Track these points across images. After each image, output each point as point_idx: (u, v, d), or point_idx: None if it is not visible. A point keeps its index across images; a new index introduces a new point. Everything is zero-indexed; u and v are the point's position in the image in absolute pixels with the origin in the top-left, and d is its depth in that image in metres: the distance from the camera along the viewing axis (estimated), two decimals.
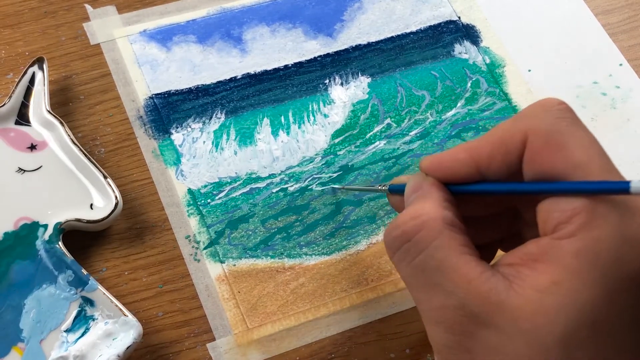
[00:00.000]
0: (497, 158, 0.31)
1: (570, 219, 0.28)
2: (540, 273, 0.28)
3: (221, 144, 0.46)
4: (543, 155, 0.29)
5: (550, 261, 0.28)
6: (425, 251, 0.30)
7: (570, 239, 0.28)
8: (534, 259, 0.28)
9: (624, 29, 0.52)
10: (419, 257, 0.30)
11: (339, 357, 0.41)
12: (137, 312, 0.41)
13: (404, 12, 0.52)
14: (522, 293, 0.28)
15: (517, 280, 0.28)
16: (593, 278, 0.27)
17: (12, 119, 0.44)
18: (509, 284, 0.28)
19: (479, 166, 0.31)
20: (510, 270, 0.29)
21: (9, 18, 0.49)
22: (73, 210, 0.42)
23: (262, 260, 0.43)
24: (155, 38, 0.49)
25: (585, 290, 0.27)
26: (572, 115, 0.30)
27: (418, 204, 0.31)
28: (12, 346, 0.39)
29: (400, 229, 0.31)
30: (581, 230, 0.28)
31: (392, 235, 0.31)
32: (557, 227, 0.28)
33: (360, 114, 0.48)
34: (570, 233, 0.28)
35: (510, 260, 0.29)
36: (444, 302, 0.29)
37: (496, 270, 0.29)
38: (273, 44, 0.50)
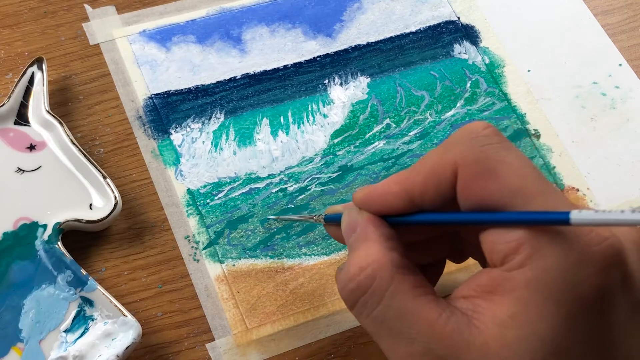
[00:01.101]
0: (430, 189, 0.30)
1: (517, 249, 0.28)
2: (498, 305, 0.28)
3: (220, 144, 0.46)
4: (475, 186, 0.29)
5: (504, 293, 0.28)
6: (382, 302, 0.30)
7: (520, 269, 0.28)
8: (488, 291, 0.29)
9: (624, 29, 0.52)
10: (377, 309, 0.30)
11: (339, 357, 0.41)
12: (136, 312, 0.41)
13: (404, 12, 0.52)
14: (484, 329, 0.28)
15: (477, 315, 0.28)
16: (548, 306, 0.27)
17: (11, 119, 0.44)
18: (469, 320, 0.28)
19: (413, 198, 0.31)
20: (467, 305, 0.29)
21: (9, 18, 0.49)
22: (72, 211, 0.42)
23: (262, 261, 0.43)
24: (155, 38, 0.49)
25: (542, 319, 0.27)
26: (499, 139, 0.30)
27: (362, 251, 0.31)
28: (12, 346, 0.39)
29: (354, 282, 0.30)
30: (529, 260, 0.28)
31: (347, 290, 0.31)
32: (506, 259, 0.28)
33: (359, 114, 0.48)
34: (518, 264, 0.28)
35: (465, 292, 0.29)
36: (409, 349, 0.29)
37: (454, 307, 0.29)
38: (272, 44, 0.50)
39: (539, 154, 0.47)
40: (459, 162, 0.30)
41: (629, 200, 0.46)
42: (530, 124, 0.48)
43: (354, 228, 0.32)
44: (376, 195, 0.32)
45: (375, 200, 0.32)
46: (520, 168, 0.29)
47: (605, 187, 0.46)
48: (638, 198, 0.46)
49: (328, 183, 0.45)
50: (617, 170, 0.47)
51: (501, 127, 0.48)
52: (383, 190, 0.32)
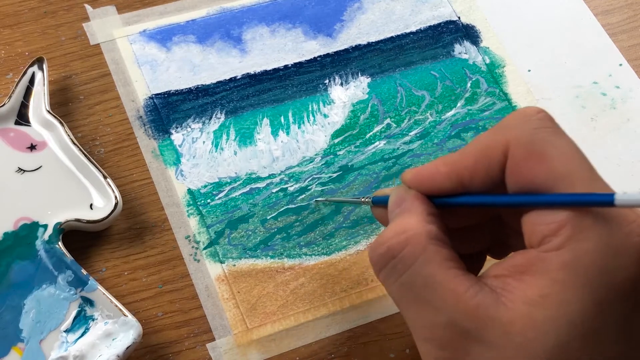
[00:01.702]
0: (480, 170, 0.30)
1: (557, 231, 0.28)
2: (529, 285, 0.28)
3: (221, 144, 0.46)
4: (525, 167, 0.29)
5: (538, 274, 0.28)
6: (412, 268, 0.30)
7: (558, 251, 0.28)
8: (521, 271, 0.28)
9: (624, 29, 0.52)
10: (405, 274, 0.30)
11: (339, 357, 0.41)
12: (136, 312, 0.41)
13: (404, 12, 0.52)
14: (512, 307, 0.28)
15: (506, 293, 0.28)
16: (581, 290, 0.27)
17: (11, 119, 0.44)
18: (497, 297, 0.28)
19: (462, 179, 0.31)
20: (497, 283, 0.29)
21: (9, 18, 0.49)
22: (73, 211, 0.42)
23: (262, 261, 0.43)
24: (155, 38, 0.49)
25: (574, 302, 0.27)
26: (552, 124, 0.30)
27: (402, 219, 0.31)
28: (12, 346, 0.39)
29: (385, 245, 0.30)
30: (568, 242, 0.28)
31: (377, 252, 0.31)
32: (544, 240, 0.28)
33: (360, 114, 0.48)
34: (557, 246, 0.28)
35: (497, 272, 0.29)
36: (433, 319, 0.29)
37: (483, 284, 0.29)
38: (273, 44, 0.50)
39: None
40: (511, 143, 0.30)
41: None
42: None
43: (400, 204, 0.32)
44: (425, 175, 0.32)
45: (424, 179, 0.32)
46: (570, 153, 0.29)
47: None
48: None
49: (328, 183, 0.45)
50: (617, 170, 0.47)
51: None
52: (432, 171, 0.32)
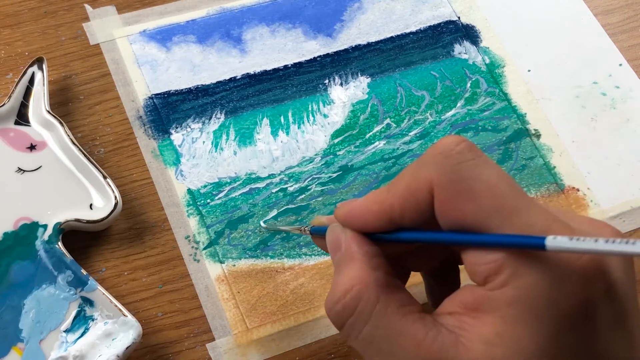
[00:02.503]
0: (409, 209, 0.30)
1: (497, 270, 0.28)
2: (483, 324, 0.28)
3: (221, 144, 0.46)
4: (452, 206, 0.29)
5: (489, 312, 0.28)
6: (369, 323, 0.30)
7: (502, 289, 0.28)
8: (473, 309, 0.29)
9: (624, 29, 0.52)
10: (364, 330, 0.30)
11: (339, 357, 0.41)
12: (136, 312, 0.41)
13: (404, 12, 0.52)
14: (470, 347, 0.28)
15: (463, 332, 0.28)
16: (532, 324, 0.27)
17: (11, 119, 0.44)
18: (456, 338, 0.28)
19: (392, 217, 0.31)
20: (453, 322, 0.29)
21: (9, 18, 0.49)
22: (72, 211, 0.42)
23: (262, 261, 0.43)
24: (155, 38, 0.49)
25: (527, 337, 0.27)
26: (472, 155, 0.29)
27: (347, 272, 0.31)
28: (12, 346, 0.39)
29: (339, 304, 0.30)
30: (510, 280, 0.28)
31: (334, 312, 0.31)
32: (487, 279, 0.28)
33: (359, 114, 0.48)
34: (500, 284, 0.28)
35: (450, 309, 0.29)
36: None
37: (441, 325, 0.29)
38: (273, 44, 0.50)
39: (539, 154, 0.47)
40: (434, 183, 0.29)
41: (629, 200, 0.46)
42: (531, 124, 0.48)
43: (339, 246, 0.32)
44: (356, 213, 0.32)
45: (356, 218, 0.32)
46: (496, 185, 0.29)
47: (605, 187, 0.46)
48: (638, 198, 0.46)
49: (328, 183, 0.45)
50: (617, 170, 0.47)
51: (501, 127, 0.48)
52: (363, 210, 0.31)
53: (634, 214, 0.46)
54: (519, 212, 0.28)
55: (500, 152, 0.47)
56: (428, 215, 0.30)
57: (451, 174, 0.29)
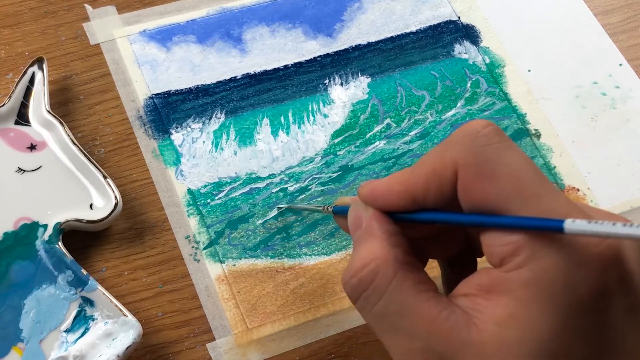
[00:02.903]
0: (432, 189, 0.30)
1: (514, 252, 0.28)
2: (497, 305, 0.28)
3: (221, 144, 0.46)
4: (475, 188, 0.29)
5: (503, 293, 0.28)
6: (384, 297, 0.30)
7: (518, 270, 0.28)
8: (488, 290, 0.29)
9: (624, 29, 0.52)
10: (378, 304, 0.30)
11: (339, 357, 0.41)
12: (136, 312, 0.41)
13: (404, 12, 0.52)
14: (483, 327, 0.28)
15: (476, 314, 0.28)
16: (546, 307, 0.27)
17: (11, 119, 0.44)
18: (468, 319, 0.28)
19: (415, 197, 0.31)
20: (468, 303, 0.29)
21: (9, 18, 0.49)
22: (73, 211, 0.42)
23: (262, 261, 0.43)
24: (155, 38, 0.49)
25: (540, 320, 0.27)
26: (499, 139, 0.30)
27: (366, 247, 0.31)
28: (12, 346, 0.39)
29: (356, 277, 0.31)
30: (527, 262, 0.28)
31: (350, 285, 0.31)
32: (504, 261, 0.28)
33: (360, 114, 0.48)
34: (517, 265, 0.28)
35: (465, 290, 0.30)
36: (409, 345, 0.29)
37: (455, 305, 0.29)
38: (273, 44, 0.50)
39: (539, 154, 0.47)
40: (459, 163, 0.30)
41: (629, 200, 0.46)
42: (531, 124, 0.48)
43: (360, 224, 0.32)
44: (380, 192, 0.32)
45: (379, 197, 0.32)
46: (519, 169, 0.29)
47: (605, 187, 0.46)
48: (638, 198, 0.46)
49: (328, 183, 0.45)
50: (617, 170, 0.47)
51: (501, 127, 0.48)
52: (386, 188, 0.32)
53: (634, 214, 0.46)
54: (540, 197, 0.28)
55: None
56: (451, 197, 0.30)
57: (476, 156, 0.29)
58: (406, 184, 0.31)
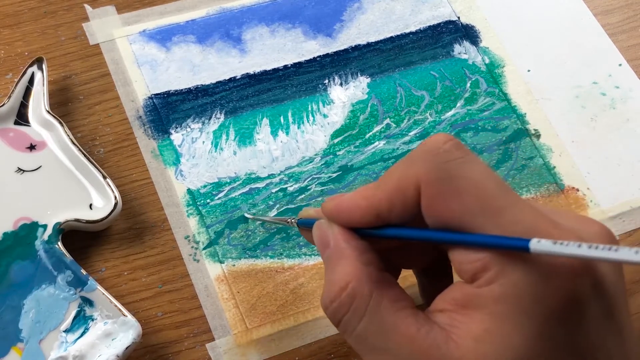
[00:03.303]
0: (397, 205, 0.30)
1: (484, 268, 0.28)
2: (473, 320, 0.28)
3: (220, 144, 0.46)
4: (438, 204, 0.29)
5: (477, 308, 0.28)
6: (363, 319, 0.30)
7: (490, 286, 0.28)
8: (463, 306, 0.29)
9: (624, 29, 0.52)
10: (359, 326, 0.30)
11: (339, 357, 0.41)
12: (136, 312, 0.41)
13: (404, 12, 0.52)
14: (461, 343, 0.28)
15: (453, 329, 0.29)
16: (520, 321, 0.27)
17: (11, 119, 0.44)
18: (447, 335, 0.29)
19: (380, 213, 0.31)
20: (444, 319, 0.29)
21: (9, 18, 0.49)
22: (72, 211, 0.42)
23: (262, 261, 0.43)
24: (155, 38, 0.49)
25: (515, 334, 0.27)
26: (460, 154, 0.30)
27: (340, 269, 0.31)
28: (12, 346, 0.39)
29: (336, 302, 0.31)
30: (497, 277, 0.28)
31: (331, 310, 0.31)
32: (475, 277, 0.29)
33: (359, 114, 0.48)
34: (487, 281, 0.28)
35: (441, 306, 0.30)
36: None
37: (432, 322, 0.29)
38: (272, 44, 0.50)
39: (539, 154, 0.47)
40: (422, 180, 0.30)
41: (629, 200, 0.46)
42: (531, 124, 0.48)
43: (327, 243, 0.32)
44: (344, 208, 0.32)
45: (343, 213, 0.32)
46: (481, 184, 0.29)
47: (605, 187, 0.46)
48: (638, 198, 0.46)
49: (328, 183, 0.45)
50: (617, 170, 0.47)
51: (501, 127, 0.48)
52: (350, 205, 0.32)
53: (633, 214, 0.46)
54: (504, 211, 0.28)
55: (500, 152, 0.47)
56: (415, 212, 0.30)
57: (438, 172, 0.29)
58: (371, 199, 0.31)
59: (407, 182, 0.30)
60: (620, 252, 0.25)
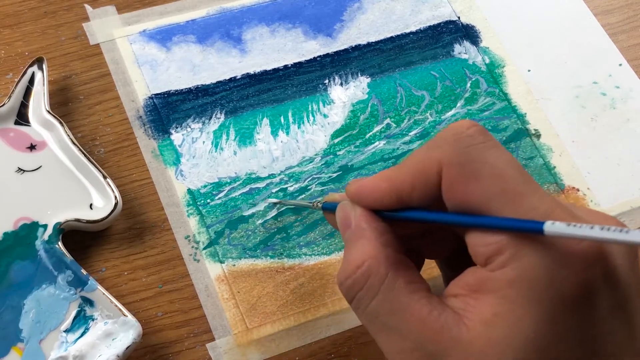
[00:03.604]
0: (418, 188, 0.31)
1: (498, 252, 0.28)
2: (484, 304, 0.28)
3: (221, 144, 0.46)
4: (458, 188, 0.29)
5: (489, 292, 0.28)
6: (376, 297, 0.30)
7: (503, 270, 0.28)
8: (475, 290, 0.29)
9: (624, 29, 0.52)
10: (372, 304, 0.30)
11: (339, 357, 0.41)
12: (136, 312, 0.41)
13: (404, 12, 0.52)
14: (471, 326, 0.28)
15: (466, 313, 0.29)
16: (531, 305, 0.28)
17: (11, 119, 0.44)
18: (459, 318, 0.29)
19: (401, 195, 0.31)
20: (457, 303, 0.29)
21: (9, 18, 0.49)
22: (72, 211, 0.42)
23: (262, 261, 0.43)
24: (155, 38, 0.49)
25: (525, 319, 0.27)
26: (483, 139, 0.30)
27: (358, 247, 0.31)
28: (12, 346, 0.39)
29: (350, 279, 0.31)
30: (511, 261, 0.28)
31: (345, 286, 0.31)
32: (488, 260, 0.29)
33: (359, 114, 0.48)
34: (501, 264, 0.28)
35: (455, 290, 0.30)
36: (402, 345, 0.30)
37: (445, 305, 0.29)
38: (273, 44, 0.50)
39: (539, 154, 0.47)
40: (443, 163, 0.30)
41: (629, 200, 0.46)
42: (531, 124, 0.48)
43: (349, 224, 0.32)
44: (366, 191, 0.32)
45: (366, 196, 0.32)
46: (503, 169, 0.29)
47: (605, 187, 0.46)
48: (638, 198, 0.46)
49: (328, 183, 0.45)
50: (617, 170, 0.47)
51: (501, 127, 0.48)
52: (373, 187, 0.32)
53: (633, 214, 0.46)
54: (522, 196, 0.28)
55: None
56: (436, 196, 0.30)
57: (460, 156, 0.29)
58: (393, 182, 0.31)
59: (430, 165, 0.30)
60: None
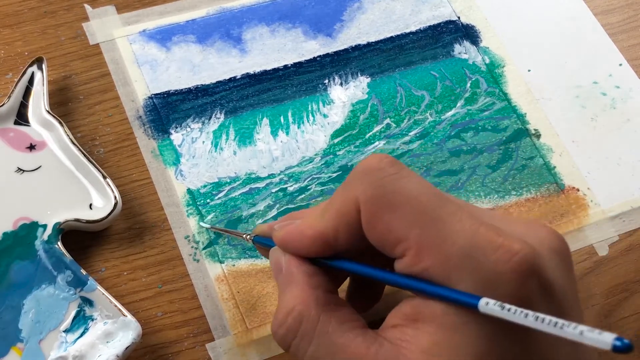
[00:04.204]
0: (342, 230, 0.31)
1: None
2: (422, 333, 0.28)
3: (220, 144, 0.46)
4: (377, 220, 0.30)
5: (427, 321, 0.28)
6: (313, 342, 0.30)
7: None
8: (413, 319, 0.29)
9: (624, 29, 0.52)
10: (309, 350, 0.30)
11: None
12: (136, 312, 0.41)
13: (404, 12, 0.52)
14: (411, 357, 0.28)
15: (405, 344, 0.29)
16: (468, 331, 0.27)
17: (11, 119, 0.44)
18: (397, 350, 0.29)
19: (328, 241, 0.31)
20: (396, 334, 0.29)
21: (9, 18, 0.49)
22: (72, 210, 0.42)
23: (262, 261, 0.43)
24: (155, 38, 0.49)
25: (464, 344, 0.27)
26: (394, 170, 0.30)
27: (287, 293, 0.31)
28: (11, 346, 0.39)
29: (283, 327, 0.31)
30: None
31: (279, 335, 0.31)
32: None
33: (359, 114, 0.48)
34: None
35: (393, 321, 0.30)
36: None
37: (383, 339, 0.29)
38: (272, 44, 0.50)
39: (539, 154, 0.47)
40: (360, 200, 0.30)
41: (629, 200, 0.46)
42: (531, 124, 0.48)
43: (280, 268, 0.33)
44: (293, 240, 0.32)
45: (292, 245, 0.32)
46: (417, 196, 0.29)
47: (605, 187, 0.46)
48: (638, 198, 0.46)
49: (328, 183, 0.45)
50: (617, 170, 0.47)
51: (501, 127, 0.48)
52: (298, 236, 0.32)
53: (634, 214, 0.46)
54: (442, 221, 0.28)
55: (500, 152, 0.47)
56: (361, 235, 0.30)
57: (374, 189, 0.30)
58: (316, 229, 0.31)
59: (348, 205, 0.30)
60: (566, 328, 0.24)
